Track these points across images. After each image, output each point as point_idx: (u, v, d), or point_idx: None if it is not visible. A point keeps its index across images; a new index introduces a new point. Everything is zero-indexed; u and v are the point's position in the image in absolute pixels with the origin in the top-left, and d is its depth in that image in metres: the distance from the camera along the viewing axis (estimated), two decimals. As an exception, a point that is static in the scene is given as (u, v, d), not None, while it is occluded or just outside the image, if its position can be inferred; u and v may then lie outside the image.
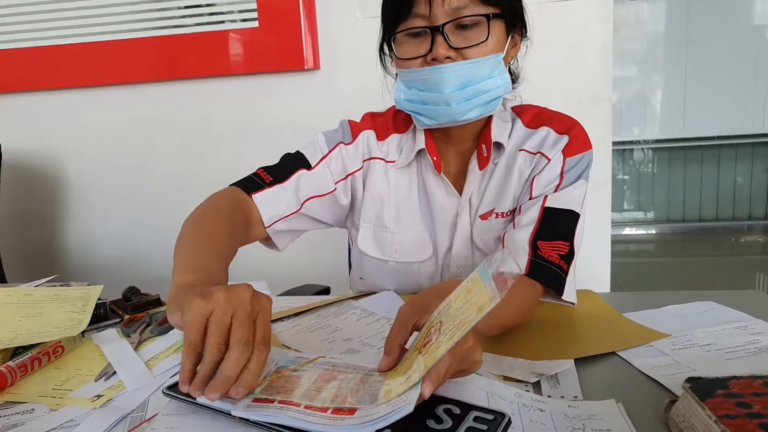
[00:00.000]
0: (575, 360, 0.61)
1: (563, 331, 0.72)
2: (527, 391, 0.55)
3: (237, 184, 0.85)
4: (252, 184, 0.84)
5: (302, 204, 0.86)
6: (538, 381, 0.57)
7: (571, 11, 1.58)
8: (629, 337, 0.67)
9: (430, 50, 0.75)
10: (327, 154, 0.87)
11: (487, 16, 0.74)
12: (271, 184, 0.83)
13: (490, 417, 0.47)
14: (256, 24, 1.65)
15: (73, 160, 1.87)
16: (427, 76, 0.76)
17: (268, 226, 0.84)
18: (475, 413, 0.47)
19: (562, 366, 0.59)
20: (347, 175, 0.89)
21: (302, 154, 0.88)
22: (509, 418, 0.47)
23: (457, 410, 0.48)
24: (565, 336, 0.70)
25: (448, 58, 0.74)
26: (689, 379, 0.49)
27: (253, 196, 0.82)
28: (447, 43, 0.74)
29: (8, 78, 1.79)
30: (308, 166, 0.86)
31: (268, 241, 0.88)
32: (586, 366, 0.61)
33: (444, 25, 0.73)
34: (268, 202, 0.83)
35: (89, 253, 1.92)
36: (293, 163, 0.87)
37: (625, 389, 0.56)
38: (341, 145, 0.88)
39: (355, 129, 0.90)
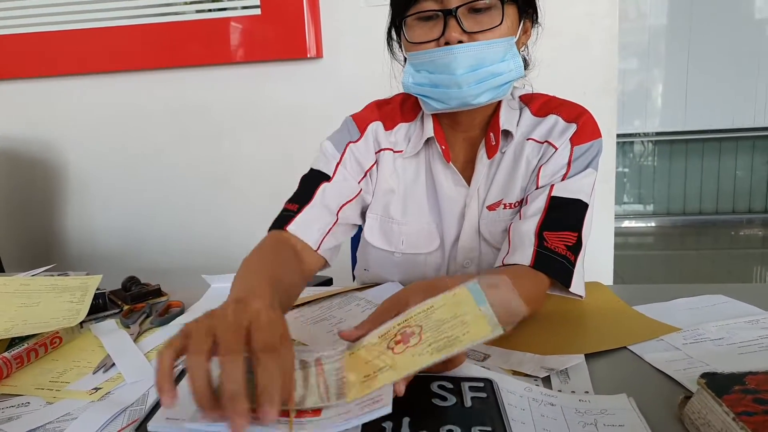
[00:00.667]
0: (585, 354, 0.60)
1: (573, 324, 0.71)
2: (537, 385, 0.54)
3: (271, 226, 0.82)
4: (283, 219, 0.81)
5: (337, 214, 0.83)
6: (548, 376, 0.56)
7: (578, 3, 1.56)
8: (640, 331, 0.66)
9: (443, 34, 0.73)
10: (340, 160, 0.85)
11: (501, 0, 0.72)
12: (299, 211, 0.81)
13: (480, 384, 0.49)
14: (258, 11, 1.62)
15: (72, 148, 1.85)
16: (438, 58, 0.74)
17: (318, 249, 0.80)
18: (467, 383, 0.50)
19: (573, 361, 0.58)
20: (365, 173, 0.87)
21: (317, 170, 0.85)
22: (493, 381, 0.50)
23: (449, 384, 0.49)
24: (575, 330, 0.69)
25: (460, 42, 0.73)
26: (704, 375, 0.48)
27: (287, 228, 0.79)
28: (460, 26, 0.72)
29: (6, 64, 1.77)
30: (327, 178, 0.84)
31: (324, 265, 0.85)
32: (597, 360, 0.60)
33: (457, 8, 0.72)
34: (305, 227, 0.80)
35: (88, 242, 1.91)
36: (312, 181, 0.84)
37: (636, 384, 0.55)
38: (350, 145, 0.86)
39: (360, 123, 0.88)
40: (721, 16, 3.87)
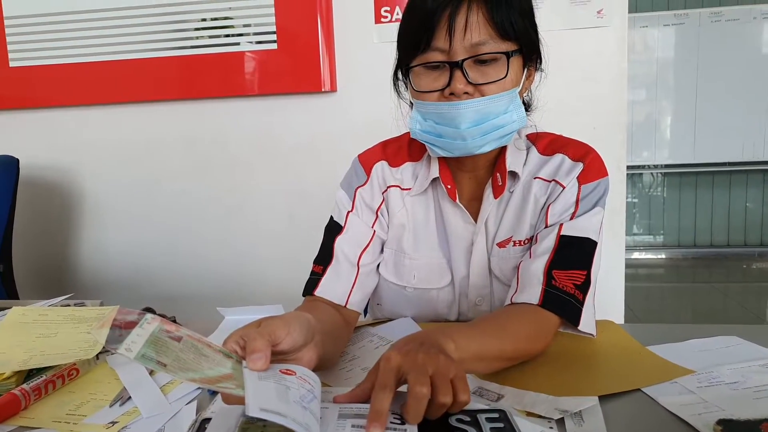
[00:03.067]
0: (599, 396, 0.60)
1: (586, 365, 0.70)
2: (551, 428, 0.54)
3: (303, 292, 0.85)
4: (311, 284, 0.84)
5: (358, 265, 0.85)
6: (562, 418, 0.56)
7: (587, 39, 1.60)
8: (654, 372, 0.66)
9: (449, 84, 0.74)
10: (352, 208, 0.88)
11: (507, 54, 0.73)
12: (323, 272, 0.84)
13: (496, 415, 0.51)
14: (275, 46, 1.68)
15: (89, 176, 1.89)
16: (444, 111, 0.75)
17: (346, 305, 0.83)
18: (483, 415, 0.51)
19: (587, 403, 0.58)
20: (376, 213, 0.89)
21: (334, 221, 0.88)
22: (507, 411, 0.52)
23: (466, 417, 0.51)
24: (589, 370, 0.69)
25: (466, 93, 0.74)
26: (720, 422, 0.48)
27: (315, 293, 0.82)
28: (465, 78, 0.73)
29: (28, 94, 1.82)
30: (340, 230, 0.86)
31: (358, 315, 0.87)
32: (611, 403, 0.59)
33: (463, 61, 0.72)
34: (330, 288, 0.82)
35: (102, 269, 1.93)
36: (330, 234, 0.87)
37: (651, 429, 0.55)
38: (359, 189, 0.89)
39: (366, 165, 0.90)
40: (728, 48, 3.91)
